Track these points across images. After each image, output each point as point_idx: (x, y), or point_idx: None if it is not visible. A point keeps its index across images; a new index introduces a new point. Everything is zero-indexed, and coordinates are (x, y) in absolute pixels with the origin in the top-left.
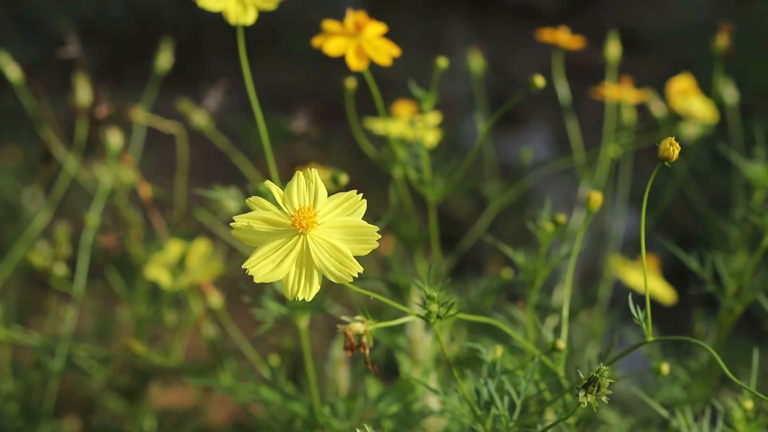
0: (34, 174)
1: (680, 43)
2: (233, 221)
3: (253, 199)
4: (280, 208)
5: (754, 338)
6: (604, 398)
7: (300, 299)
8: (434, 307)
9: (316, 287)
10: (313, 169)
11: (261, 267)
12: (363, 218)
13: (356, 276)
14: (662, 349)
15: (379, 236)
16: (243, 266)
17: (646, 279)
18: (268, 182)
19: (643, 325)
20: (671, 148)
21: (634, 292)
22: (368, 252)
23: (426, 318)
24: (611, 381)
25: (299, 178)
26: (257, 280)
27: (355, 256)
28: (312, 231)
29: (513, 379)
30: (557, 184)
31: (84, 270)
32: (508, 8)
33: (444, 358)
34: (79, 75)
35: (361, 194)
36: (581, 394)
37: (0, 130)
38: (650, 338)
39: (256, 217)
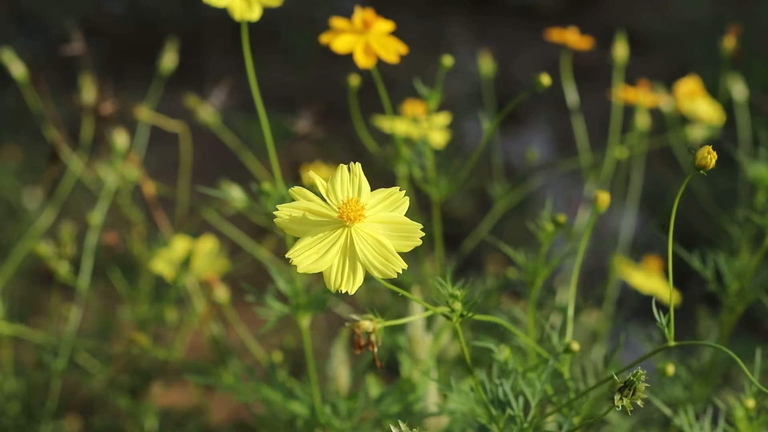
0: (35, 174)
1: (681, 42)
2: (277, 210)
3: (297, 189)
4: (323, 199)
5: (755, 338)
6: (639, 402)
7: (343, 292)
8: (458, 306)
9: (360, 281)
10: (356, 163)
11: (305, 257)
12: None
13: (400, 272)
14: (664, 349)
15: (423, 234)
16: (287, 255)
17: (671, 284)
18: (312, 173)
19: (665, 329)
20: (708, 157)
21: (639, 293)
22: (411, 249)
23: (448, 317)
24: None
25: (342, 170)
26: (300, 270)
27: (398, 253)
28: (357, 224)
29: (525, 379)
30: (558, 184)
31: (88, 269)
32: (508, 8)
33: (445, 358)
34: (83, 72)
35: (404, 191)
36: (617, 397)
37: (0, 130)
38: (672, 343)
39: (300, 207)
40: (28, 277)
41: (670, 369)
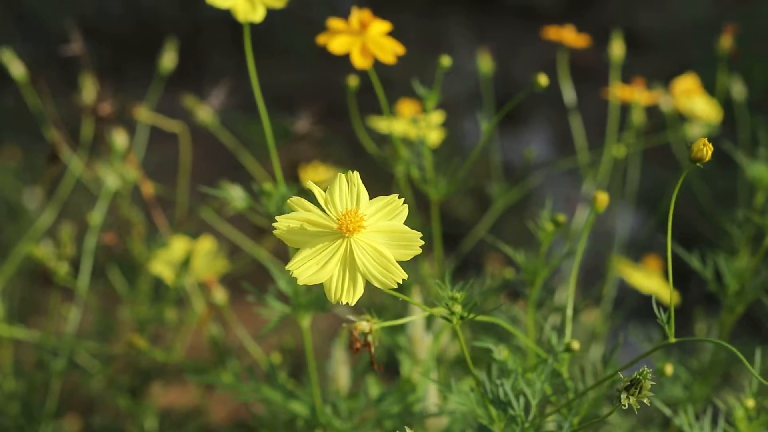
0: (35, 174)
1: (680, 42)
2: (275, 221)
3: (295, 200)
4: (322, 209)
5: (755, 338)
6: (646, 400)
7: (344, 303)
8: (458, 308)
9: (360, 291)
10: (354, 172)
11: (305, 269)
12: None
13: (400, 282)
14: (664, 349)
15: (422, 242)
16: (286, 268)
17: (671, 282)
18: (310, 183)
19: (666, 327)
20: (704, 149)
21: (638, 293)
22: (411, 257)
23: (448, 319)
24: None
25: (341, 180)
26: (301, 282)
27: (397, 261)
28: (356, 235)
29: (524, 379)
30: (557, 183)
31: (87, 269)
32: (507, 8)
33: (444, 358)
34: (83, 73)
35: (403, 199)
36: (623, 395)
37: (0, 130)
38: (672, 339)
39: (299, 218)
40: (28, 277)
41: (669, 369)
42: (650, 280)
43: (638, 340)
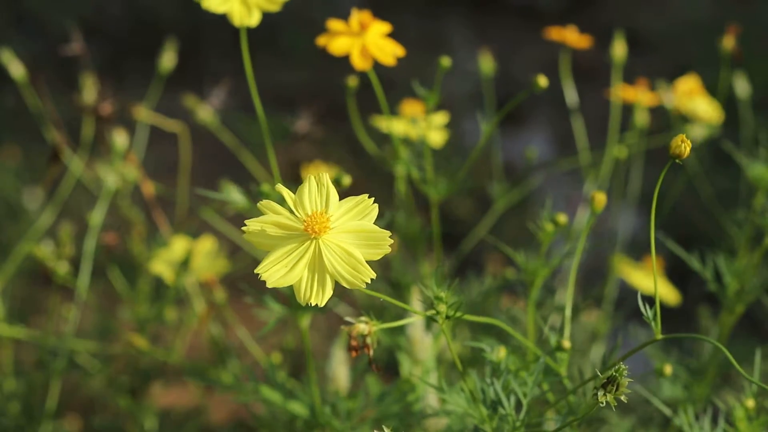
0: (34, 174)
1: (680, 42)
2: (245, 225)
3: (265, 203)
4: (291, 212)
5: (755, 338)
6: (623, 397)
7: (313, 304)
8: (443, 308)
9: (329, 292)
10: (324, 173)
11: (273, 272)
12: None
13: (369, 282)
14: (664, 349)
15: (391, 241)
16: (255, 271)
17: (656, 279)
18: (279, 186)
19: (652, 323)
20: (683, 145)
21: (639, 293)
22: (380, 257)
23: (434, 319)
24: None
25: (310, 181)
26: (270, 284)
27: (366, 261)
28: (324, 235)
29: (518, 379)
30: (558, 183)
31: (87, 269)
32: (508, 8)
33: (444, 358)
34: (84, 72)
35: (373, 198)
36: (600, 393)
37: (0, 130)
38: (659, 336)
39: (268, 222)
40: (28, 277)
41: (668, 369)
42: (650, 280)
43: (638, 341)
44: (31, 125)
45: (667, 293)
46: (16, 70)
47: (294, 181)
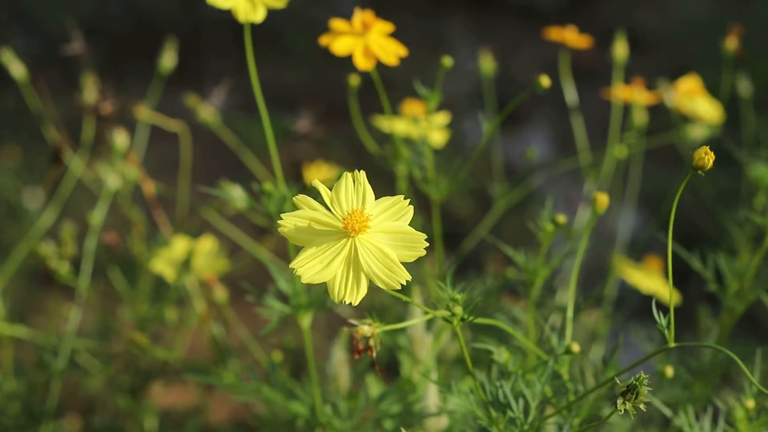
0: (35, 174)
1: (680, 42)
2: (281, 219)
3: (301, 198)
4: (328, 208)
5: (755, 338)
6: (642, 406)
7: (347, 303)
8: (458, 310)
9: (363, 292)
10: (361, 171)
11: (309, 267)
12: None
13: (404, 283)
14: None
15: (427, 244)
16: (290, 266)
17: (671, 284)
18: (316, 182)
19: (666, 331)
20: (706, 157)
21: (639, 293)
22: (414, 259)
23: (448, 320)
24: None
25: (347, 179)
26: (305, 280)
27: (401, 263)
28: (361, 235)
29: (524, 381)
30: (558, 183)
31: (88, 269)
32: (508, 8)
33: (444, 358)
34: (84, 72)
35: (409, 200)
36: (619, 401)
37: (0, 130)
38: (672, 344)
39: (304, 217)
40: (29, 277)
41: (669, 371)
42: (650, 280)
43: (639, 341)
44: (32, 125)
45: (667, 292)
46: (17, 69)
47: (295, 181)
